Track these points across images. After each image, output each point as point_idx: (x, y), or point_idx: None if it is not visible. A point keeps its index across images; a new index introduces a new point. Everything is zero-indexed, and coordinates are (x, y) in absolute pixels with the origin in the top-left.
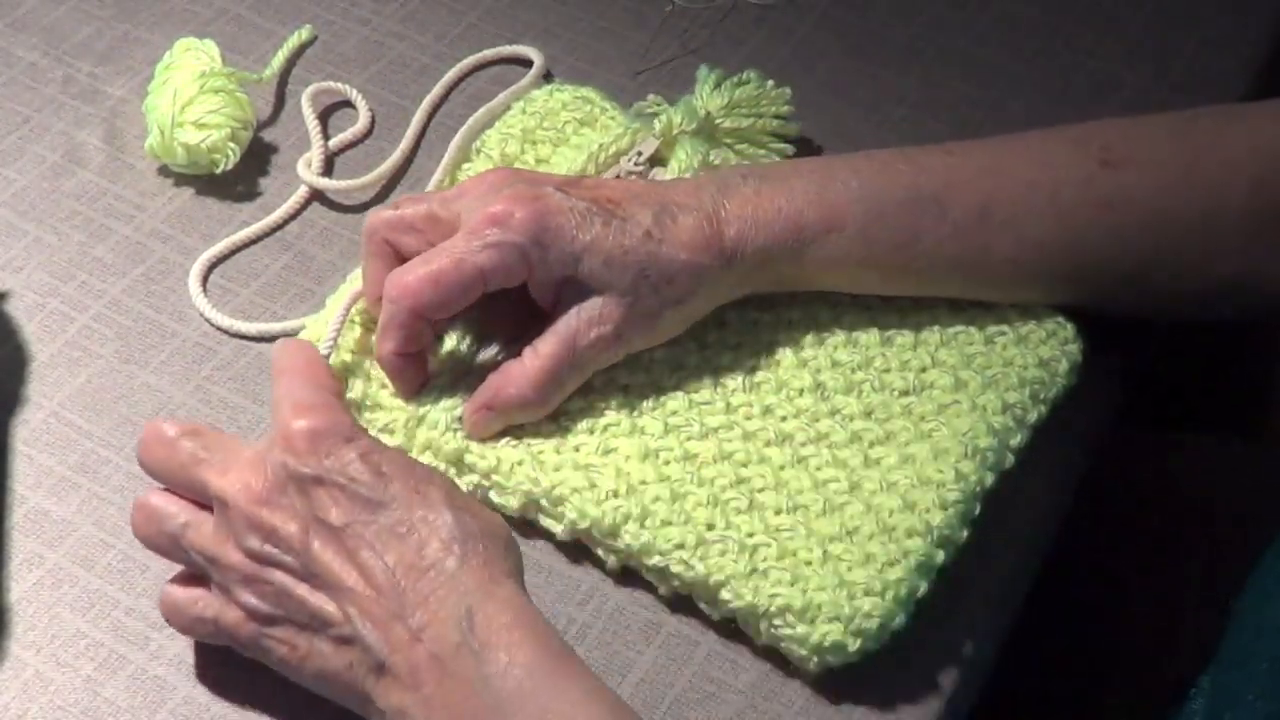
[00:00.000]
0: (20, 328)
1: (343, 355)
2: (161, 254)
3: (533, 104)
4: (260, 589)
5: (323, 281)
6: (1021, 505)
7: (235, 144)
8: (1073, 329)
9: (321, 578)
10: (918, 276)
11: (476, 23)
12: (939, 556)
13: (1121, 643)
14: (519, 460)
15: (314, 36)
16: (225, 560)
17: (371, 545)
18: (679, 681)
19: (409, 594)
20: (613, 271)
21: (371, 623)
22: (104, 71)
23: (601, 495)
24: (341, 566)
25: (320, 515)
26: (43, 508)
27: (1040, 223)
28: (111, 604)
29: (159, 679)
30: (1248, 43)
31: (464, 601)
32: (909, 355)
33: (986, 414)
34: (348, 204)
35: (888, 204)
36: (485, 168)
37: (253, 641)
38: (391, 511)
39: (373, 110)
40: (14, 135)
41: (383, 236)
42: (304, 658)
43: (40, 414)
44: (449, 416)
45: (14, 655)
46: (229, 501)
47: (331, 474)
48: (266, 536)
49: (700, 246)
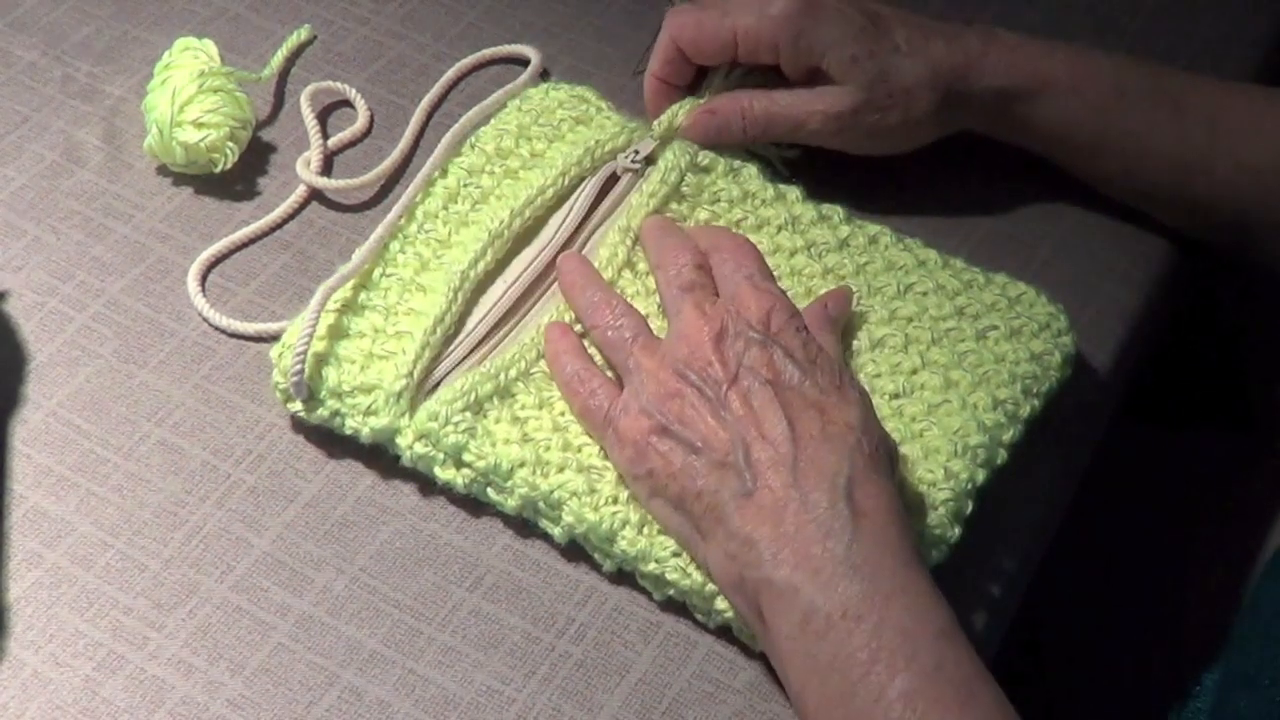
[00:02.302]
0: (19, 327)
1: (316, 345)
2: (160, 253)
3: (528, 101)
4: (668, 405)
5: (322, 281)
6: (1021, 503)
7: (234, 143)
8: (1066, 320)
9: (730, 412)
10: (1126, 163)
11: (475, 22)
12: (932, 556)
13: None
14: (520, 461)
15: (313, 36)
16: (658, 376)
17: (784, 404)
18: (677, 681)
19: (803, 450)
20: (856, 69)
21: (757, 459)
22: (103, 71)
23: (600, 500)
24: (748, 409)
25: (754, 366)
26: (41, 507)
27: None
28: (110, 603)
29: (157, 679)
30: (1248, 43)
31: (847, 472)
32: (899, 358)
33: (977, 411)
34: (346, 203)
35: (1130, 88)
36: (479, 162)
37: (639, 445)
38: (812, 388)
39: (372, 110)
40: (13, 134)
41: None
42: (673, 474)
43: (39, 413)
44: (449, 410)
45: (12, 655)
46: (684, 331)
47: (775, 341)
48: (700, 369)
49: (945, 72)
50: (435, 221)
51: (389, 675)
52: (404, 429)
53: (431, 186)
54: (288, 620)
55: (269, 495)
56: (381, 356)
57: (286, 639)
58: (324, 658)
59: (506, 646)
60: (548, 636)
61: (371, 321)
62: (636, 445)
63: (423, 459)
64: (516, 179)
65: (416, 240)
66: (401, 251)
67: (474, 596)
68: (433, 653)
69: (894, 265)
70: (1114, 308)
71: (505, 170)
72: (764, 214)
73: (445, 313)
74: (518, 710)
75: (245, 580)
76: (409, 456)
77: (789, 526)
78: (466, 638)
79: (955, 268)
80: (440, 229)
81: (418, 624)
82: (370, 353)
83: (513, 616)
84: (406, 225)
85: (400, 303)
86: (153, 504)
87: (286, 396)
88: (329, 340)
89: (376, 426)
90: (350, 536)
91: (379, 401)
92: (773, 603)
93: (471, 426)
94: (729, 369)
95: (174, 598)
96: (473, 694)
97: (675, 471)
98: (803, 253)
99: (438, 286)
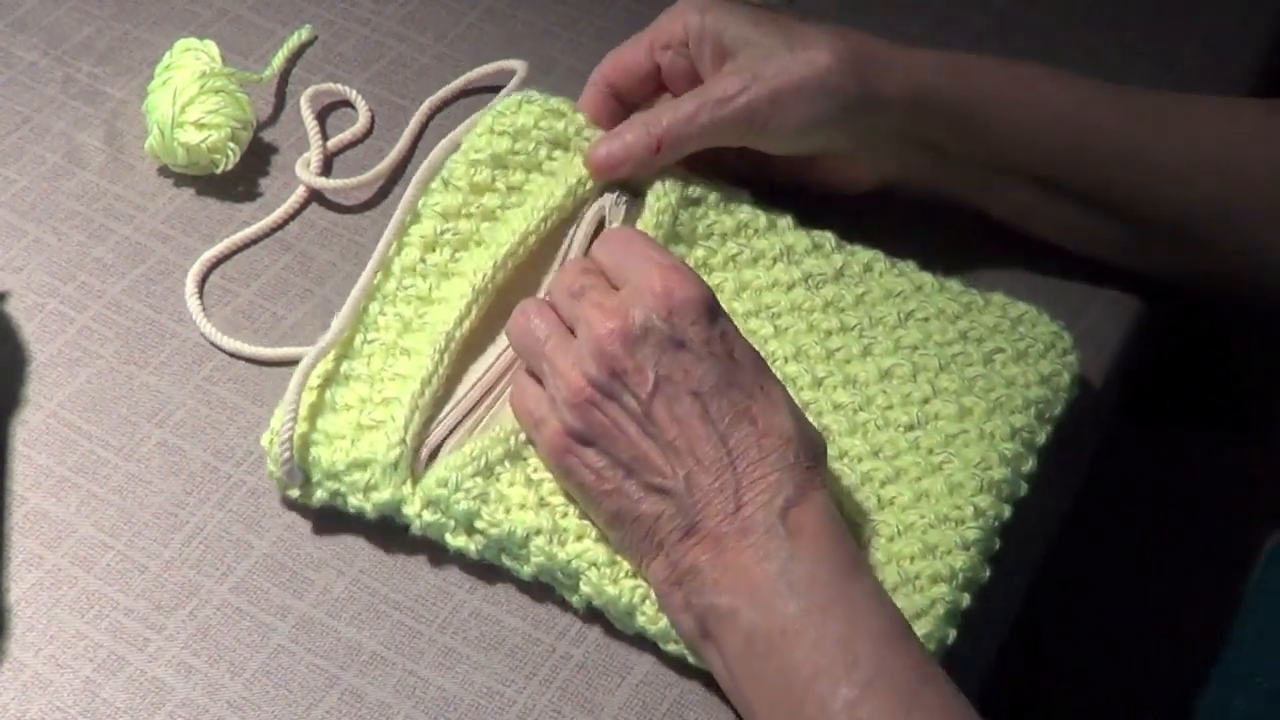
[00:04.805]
0: (20, 328)
1: (301, 426)
2: (161, 254)
3: (501, 120)
4: (589, 415)
5: (323, 281)
6: (1021, 503)
7: (235, 144)
8: (1070, 339)
9: (657, 429)
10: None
11: (476, 23)
12: (965, 601)
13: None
14: (536, 529)
15: (314, 36)
16: (568, 378)
17: (714, 419)
18: (678, 683)
19: (742, 475)
20: (758, 32)
21: (698, 489)
22: (104, 72)
23: (620, 572)
24: (679, 427)
25: (672, 375)
26: (42, 508)
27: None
28: (110, 605)
29: (158, 680)
30: (1248, 43)
31: (783, 493)
32: (910, 388)
33: (996, 441)
34: (347, 204)
35: (1080, 85)
36: (453, 201)
37: (559, 455)
38: (739, 394)
39: (372, 110)
40: (14, 136)
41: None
42: (607, 492)
43: (40, 414)
44: (459, 475)
45: (13, 656)
46: (592, 332)
47: (693, 342)
48: (616, 374)
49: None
50: (414, 276)
51: (389, 677)
52: (409, 498)
53: (407, 234)
54: (288, 622)
55: (269, 497)
56: (370, 427)
57: (287, 641)
58: (324, 659)
59: (507, 648)
60: (548, 638)
61: (357, 392)
62: (560, 456)
63: (432, 526)
64: (496, 220)
65: (397, 299)
66: (382, 313)
67: (474, 598)
68: (433, 654)
69: (892, 293)
70: (1113, 309)
71: (483, 211)
72: (758, 246)
73: (432, 375)
74: (518, 712)
75: (245, 582)
76: (418, 525)
77: (729, 554)
78: (467, 639)
79: (952, 290)
80: (421, 284)
81: (418, 625)
82: (359, 424)
83: (513, 618)
84: (384, 283)
85: (385, 369)
86: (153, 505)
87: (283, 485)
88: (316, 418)
89: (379, 501)
90: (350, 538)
91: (376, 475)
92: (717, 625)
93: (484, 492)
94: (645, 377)
95: (174, 599)
96: (473, 695)
97: (609, 490)
98: (800, 285)
99: (423, 349)
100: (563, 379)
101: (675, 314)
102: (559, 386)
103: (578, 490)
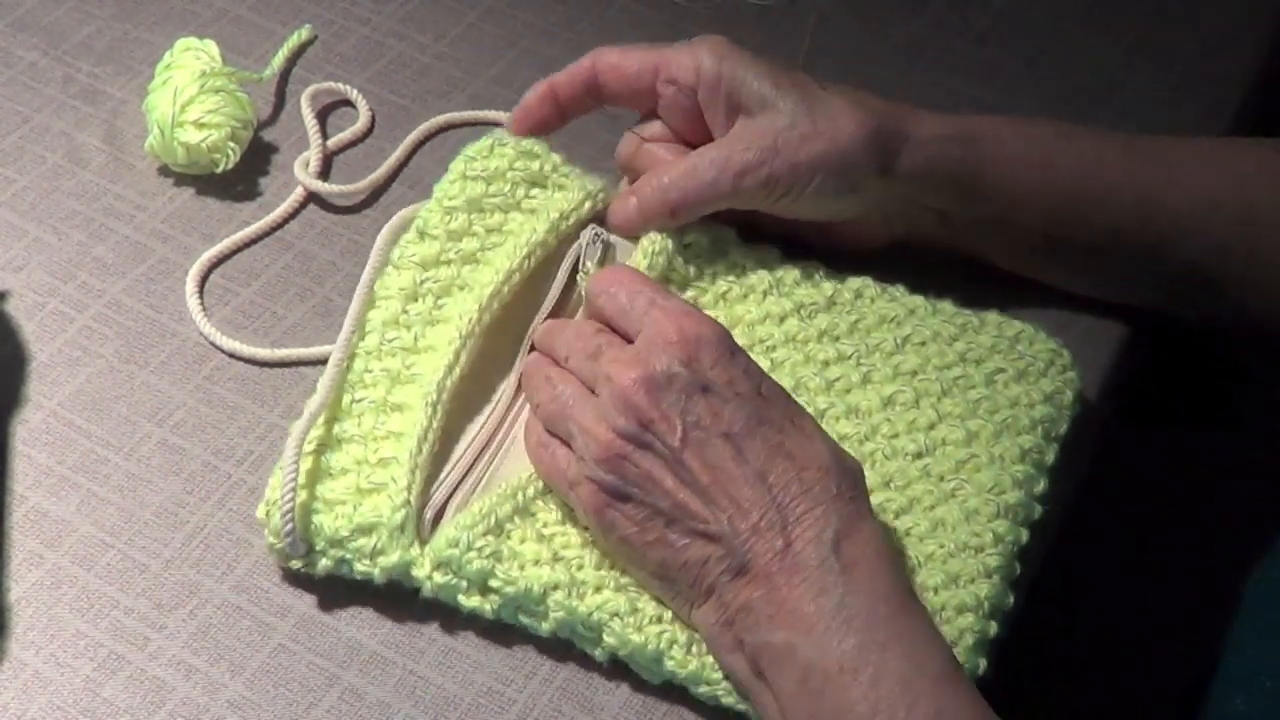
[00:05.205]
0: (20, 328)
1: (300, 495)
2: (161, 254)
3: (473, 165)
4: (621, 469)
5: (322, 281)
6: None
7: (235, 144)
8: (1069, 355)
9: (691, 476)
10: (1080, 206)
11: (476, 23)
12: (993, 630)
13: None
14: (554, 584)
15: (314, 36)
16: (595, 434)
17: (749, 459)
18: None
19: (788, 511)
20: (778, 93)
21: (743, 529)
22: (104, 71)
23: (644, 620)
24: (713, 473)
25: (701, 421)
26: (42, 507)
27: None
28: (111, 604)
29: (158, 679)
30: (1248, 43)
31: (832, 526)
32: (914, 414)
33: (1007, 464)
34: (346, 204)
35: (1072, 129)
36: (430, 250)
37: (598, 511)
38: (770, 430)
39: (373, 110)
40: (14, 135)
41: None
42: (650, 544)
43: (40, 414)
44: (470, 534)
45: (13, 655)
46: (616, 385)
47: (718, 384)
48: (644, 424)
49: (872, 108)
50: (397, 329)
51: (389, 676)
52: (418, 560)
53: (386, 289)
54: (288, 621)
55: None
56: (371, 490)
57: (287, 640)
58: (324, 659)
59: (507, 648)
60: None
61: (352, 454)
62: (600, 513)
63: (444, 588)
64: (477, 263)
65: (382, 354)
66: (368, 370)
67: None
68: (433, 654)
69: (885, 318)
70: (1113, 310)
71: (463, 256)
72: (748, 281)
73: (427, 429)
74: (518, 712)
75: (246, 581)
76: (429, 588)
77: (781, 590)
78: (467, 639)
79: (946, 312)
80: (405, 335)
81: (418, 625)
82: (359, 488)
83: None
84: (366, 340)
85: (378, 427)
86: (154, 504)
87: (285, 556)
88: (314, 485)
89: (387, 565)
90: None
91: (383, 539)
92: (772, 663)
93: (496, 550)
94: (673, 425)
95: (175, 598)
96: (473, 695)
97: (652, 541)
98: (793, 316)
99: (414, 402)
100: (590, 436)
101: (695, 359)
102: (588, 445)
103: (621, 546)
